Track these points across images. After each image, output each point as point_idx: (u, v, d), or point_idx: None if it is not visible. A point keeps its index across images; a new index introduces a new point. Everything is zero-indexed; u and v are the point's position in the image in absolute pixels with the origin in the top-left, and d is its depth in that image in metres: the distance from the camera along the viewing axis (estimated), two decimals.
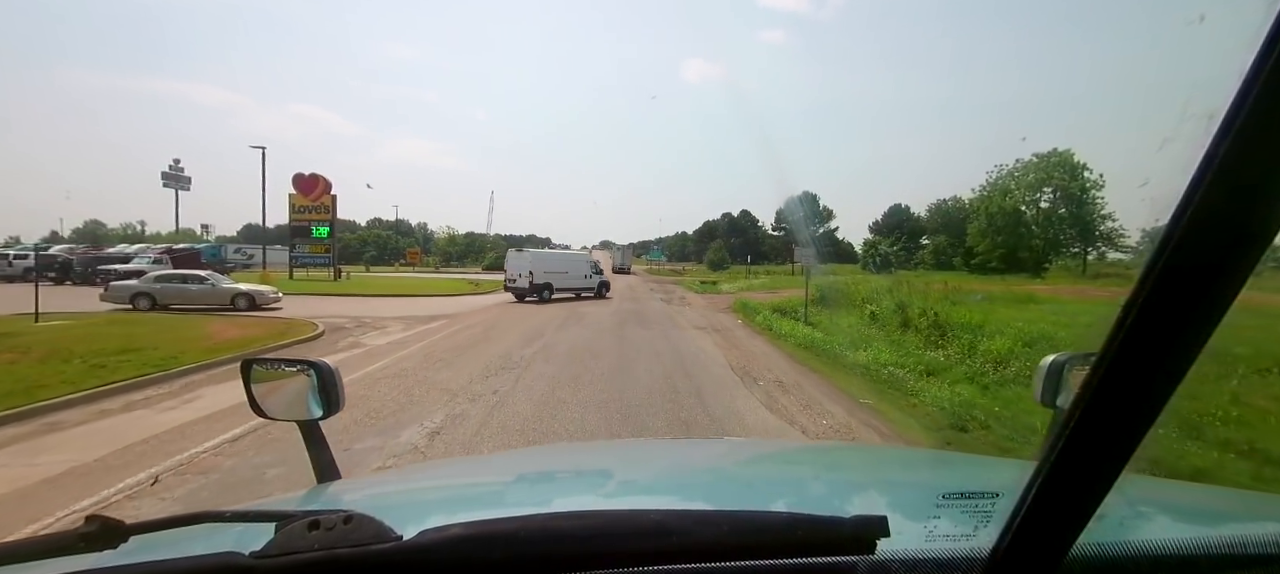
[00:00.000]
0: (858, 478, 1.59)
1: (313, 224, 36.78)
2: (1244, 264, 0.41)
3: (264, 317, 16.75)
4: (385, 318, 16.85)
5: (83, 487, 4.64)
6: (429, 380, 8.42)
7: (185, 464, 5.15)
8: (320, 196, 36.75)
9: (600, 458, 2.01)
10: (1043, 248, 51.07)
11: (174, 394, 7.80)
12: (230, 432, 5.93)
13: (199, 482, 4.78)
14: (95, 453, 5.41)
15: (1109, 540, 0.68)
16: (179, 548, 0.74)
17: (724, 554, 0.64)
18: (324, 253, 36.81)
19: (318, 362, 1.44)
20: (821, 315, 17.86)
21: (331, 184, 36.93)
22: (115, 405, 7.16)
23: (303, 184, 36.87)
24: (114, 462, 5.22)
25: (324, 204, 36.86)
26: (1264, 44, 0.36)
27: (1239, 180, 0.39)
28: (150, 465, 5.09)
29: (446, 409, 6.87)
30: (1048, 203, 52.02)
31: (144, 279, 19.27)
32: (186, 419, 6.53)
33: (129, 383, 8.05)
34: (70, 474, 4.91)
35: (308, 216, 36.71)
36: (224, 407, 6.95)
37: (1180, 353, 0.45)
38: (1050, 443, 0.52)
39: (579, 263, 26.65)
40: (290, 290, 24.22)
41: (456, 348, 11.56)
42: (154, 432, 6.06)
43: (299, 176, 36.98)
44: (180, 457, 5.32)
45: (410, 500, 1.33)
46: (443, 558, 0.59)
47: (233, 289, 19.20)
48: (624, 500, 1.33)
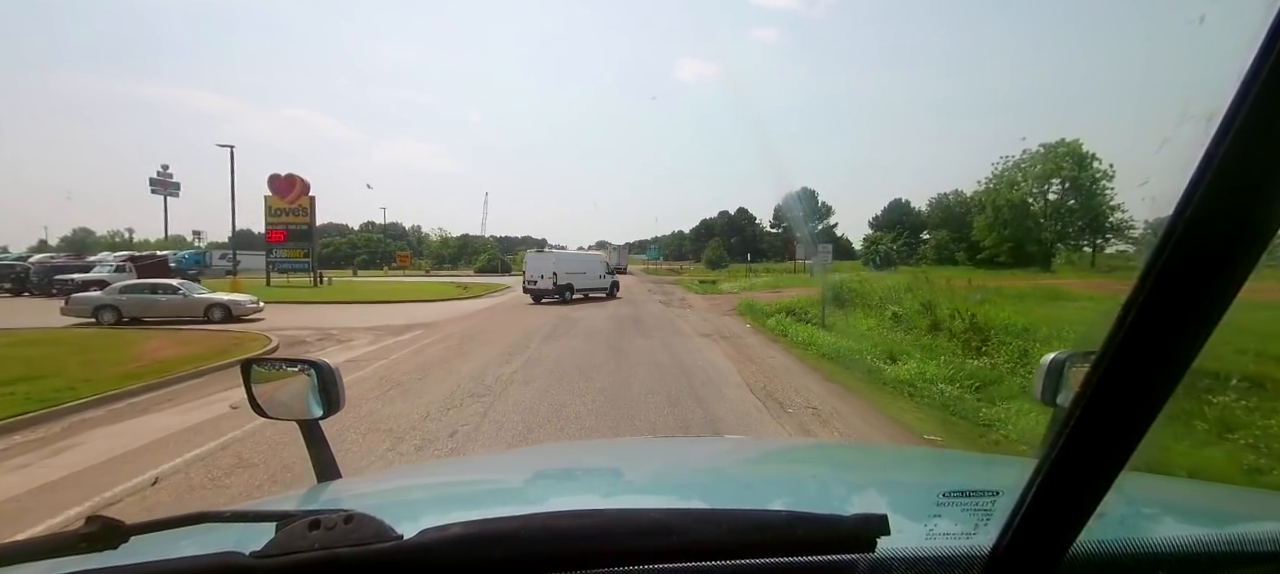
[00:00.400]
0: (858, 476, 1.59)
1: (290, 227, 34.93)
2: (1244, 263, 0.41)
3: (222, 331, 14.97)
4: (355, 329, 15.15)
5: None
6: (372, 417, 6.67)
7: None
8: (298, 198, 34.78)
9: (600, 457, 2.00)
10: (1052, 241, 49.63)
11: (45, 442, 6.05)
12: (73, 508, 4.24)
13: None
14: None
15: (1109, 539, 0.67)
16: (179, 548, 0.74)
17: (724, 553, 0.64)
18: (303, 258, 34.98)
19: (318, 361, 1.45)
20: (836, 317, 16.09)
21: (309, 185, 34.97)
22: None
23: (278, 185, 34.70)
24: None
25: (302, 206, 34.78)
26: (1264, 44, 0.36)
27: (1239, 180, 0.39)
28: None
29: (382, 466, 5.17)
30: (1056, 194, 50.49)
31: (108, 290, 17.62)
32: (30, 485, 4.81)
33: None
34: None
35: (285, 220, 34.67)
36: (97, 460, 5.29)
37: (1180, 352, 0.45)
38: (1050, 441, 0.52)
39: (594, 263, 26.44)
40: (267, 298, 22.22)
41: (422, 367, 9.83)
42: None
43: (274, 178, 34.85)
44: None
45: (410, 500, 1.33)
46: (443, 557, 0.60)
47: (207, 299, 17.44)
48: (624, 499, 1.33)
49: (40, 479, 4.96)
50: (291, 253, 35.03)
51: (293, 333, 14.37)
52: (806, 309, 17.20)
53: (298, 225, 34.70)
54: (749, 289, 31.40)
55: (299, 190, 34.88)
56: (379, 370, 9.63)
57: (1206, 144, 0.39)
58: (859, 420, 6.75)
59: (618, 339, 13.24)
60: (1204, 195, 0.39)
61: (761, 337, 14.18)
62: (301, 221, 34.76)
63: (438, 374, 9.20)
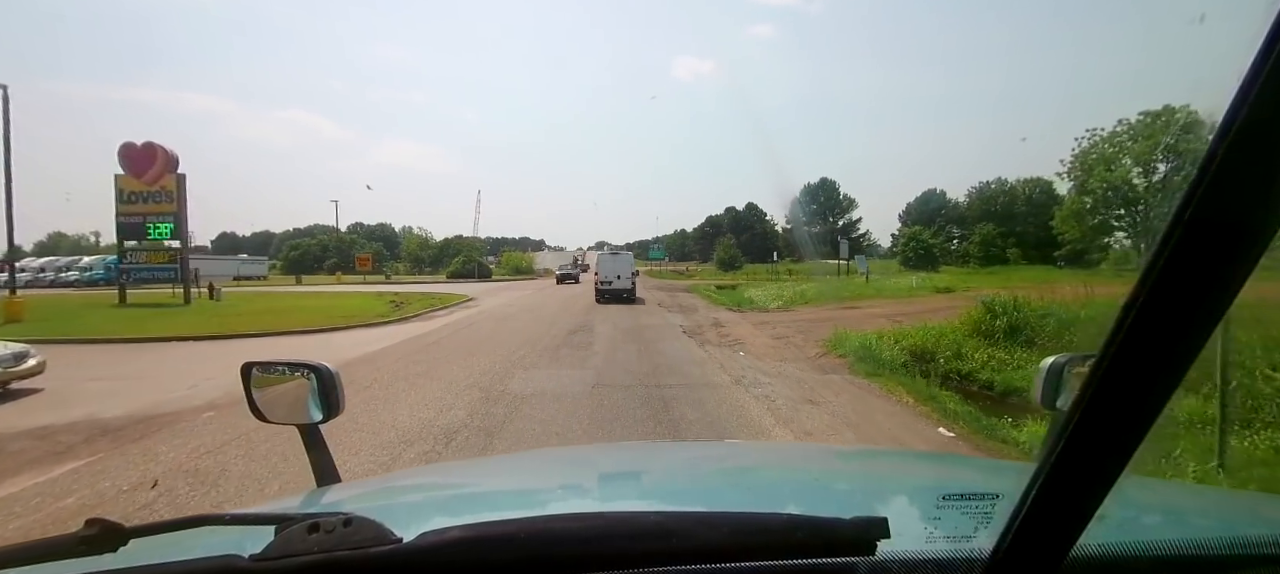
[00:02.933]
0: (858, 479, 1.57)
1: (149, 219, 24.72)
2: (1244, 264, 0.41)
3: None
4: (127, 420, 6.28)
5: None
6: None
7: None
8: (158, 178, 24.27)
9: (600, 460, 1.95)
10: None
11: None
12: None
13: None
14: None
15: (1109, 541, 0.67)
16: (178, 551, 0.73)
17: (724, 556, 0.63)
18: (167, 262, 24.81)
19: (318, 365, 1.42)
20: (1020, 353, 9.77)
21: (177, 160, 23.53)
22: None
23: (134, 159, 23.46)
24: None
25: (165, 190, 23.73)
26: (1264, 44, 0.36)
27: (1239, 180, 0.39)
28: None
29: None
30: (1160, 176, 40.47)
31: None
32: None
33: None
34: None
35: (142, 209, 23.85)
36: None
37: (1180, 353, 0.44)
38: (1050, 444, 0.51)
39: (627, 264, 25.98)
40: (94, 330, 15.10)
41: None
42: None
43: (128, 149, 23.25)
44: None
45: (410, 503, 1.32)
46: (442, 560, 0.59)
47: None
48: (624, 502, 1.34)
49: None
50: (153, 256, 24.82)
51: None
52: (958, 345, 10.49)
53: (159, 216, 24.40)
54: (796, 303, 21.63)
55: (161, 166, 24.21)
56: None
57: (1207, 144, 0.39)
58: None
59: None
60: (1204, 195, 0.39)
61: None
62: (165, 211, 24.40)
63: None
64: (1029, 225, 59.98)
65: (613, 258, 25.86)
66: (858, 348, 10.82)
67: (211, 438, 5.82)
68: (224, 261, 64.32)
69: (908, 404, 7.33)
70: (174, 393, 7.93)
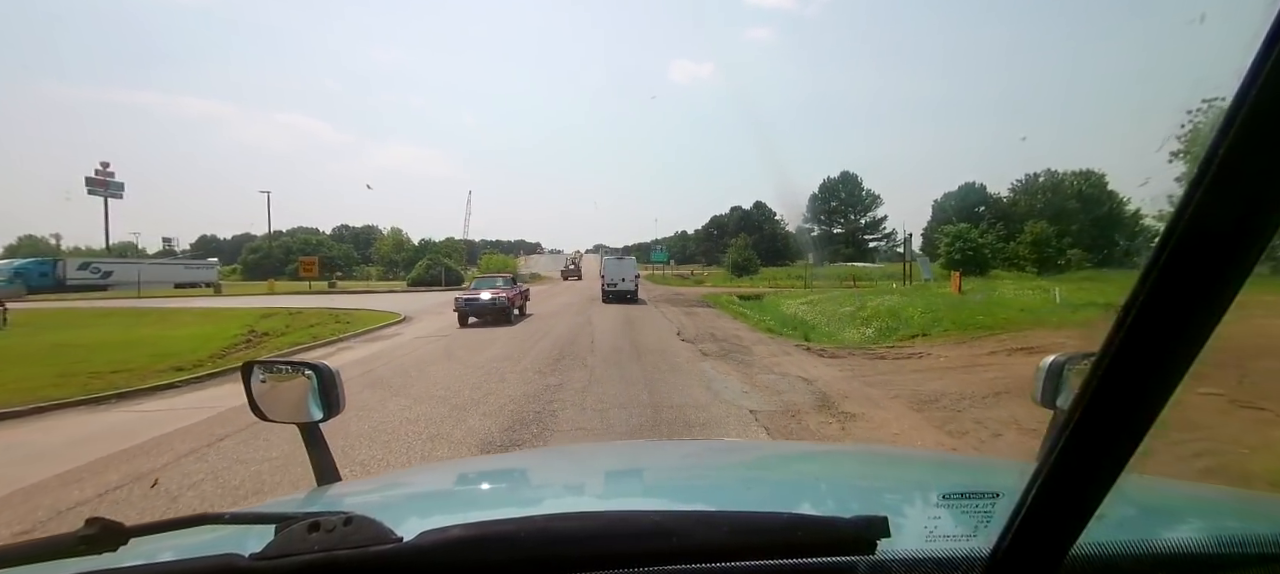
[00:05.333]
0: (858, 478, 1.56)
1: None
2: (1244, 264, 0.41)
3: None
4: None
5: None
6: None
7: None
8: None
9: (600, 460, 1.94)
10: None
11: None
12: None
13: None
14: None
15: (1109, 540, 0.66)
16: (179, 550, 0.71)
17: (724, 555, 0.63)
18: None
19: (318, 364, 1.42)
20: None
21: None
22: None
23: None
24: None
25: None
26: (1264, 44, 0.36)
27: (1239, 180, 0.39)
28: None
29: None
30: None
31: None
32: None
33: None
34: None
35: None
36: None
37: (1180, 353, 0.44)
38: (1050, 443, 0.51)
39: (630, 268, 27.52)
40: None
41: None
42: None
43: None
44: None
45: (410, 502, 1.31)
46: (442, 559, 0.59)
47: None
48: (623, 502, 1.32)
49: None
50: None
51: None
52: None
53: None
54: (897, 332, 13.57)
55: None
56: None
57: (1207, 144, 0.39)
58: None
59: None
60: (1204, 195, 0.39)
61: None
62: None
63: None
64: (1085, 222, 51.91)
65: (618, 263, 27.89)
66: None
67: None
68: (163, 266, 56.32)
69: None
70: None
